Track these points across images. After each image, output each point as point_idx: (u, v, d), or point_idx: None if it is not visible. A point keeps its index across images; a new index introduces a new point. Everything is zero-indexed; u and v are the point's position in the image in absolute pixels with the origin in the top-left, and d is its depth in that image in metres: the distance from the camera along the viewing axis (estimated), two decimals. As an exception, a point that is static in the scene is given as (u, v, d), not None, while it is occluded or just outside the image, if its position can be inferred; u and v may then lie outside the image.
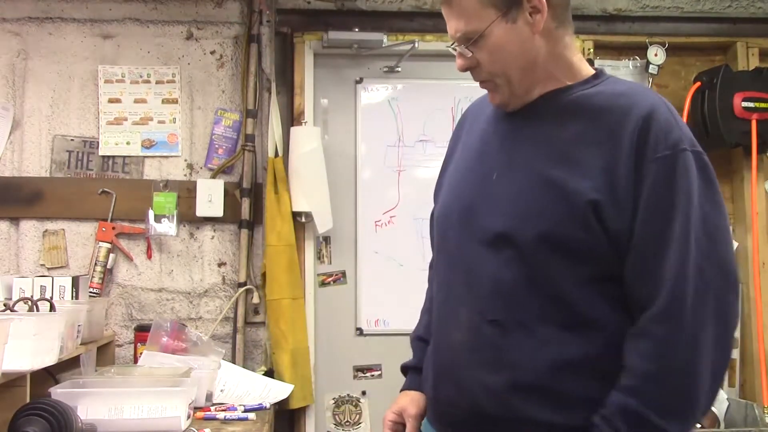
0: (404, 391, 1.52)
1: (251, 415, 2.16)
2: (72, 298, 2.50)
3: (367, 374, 2.98)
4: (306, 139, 2.86)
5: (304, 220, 2.89)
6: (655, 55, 3.04)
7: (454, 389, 1.32)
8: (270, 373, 2.72)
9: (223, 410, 2.19)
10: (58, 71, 2.90)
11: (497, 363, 1.26)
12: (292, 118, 2.94)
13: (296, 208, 2.84)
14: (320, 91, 3.04)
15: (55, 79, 2.90)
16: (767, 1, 3.16)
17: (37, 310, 2.03)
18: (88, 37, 2.93)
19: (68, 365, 2.24)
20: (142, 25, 2.94)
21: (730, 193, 3.14)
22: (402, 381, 1.57)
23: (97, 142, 2.90)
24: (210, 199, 2.85)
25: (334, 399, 2.97)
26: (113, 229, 2.83)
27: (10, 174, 2.85)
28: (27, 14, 2.90)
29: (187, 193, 2.87)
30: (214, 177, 2.90)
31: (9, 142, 2.87)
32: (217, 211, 2.85)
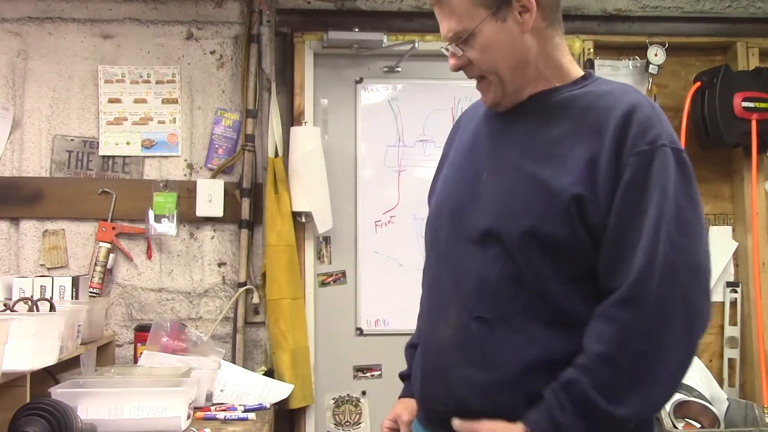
0: (400, 399, 1.54)
1: (251, 415, 2.17)
2: (72, 298, 2.50)
3: (367, 374, 2.98)
4: (306, 139, 2.86)
5: (304, 220, 2.89)
6: (655, 55, 3.04)
7: (442, 387, 1.34)
8: (270, 373, 2.72)
9: (223, 410, 2.19)
10: (58, 71, 2.90)
11: (484, 360, 1.27)
12: (292, 118, 2.94)
13: (296, 208, 2.84)
14: (320, 91, 3.04)
15: (55, 79, 2.90)
16: (767, 1, 3.16)
17: (37, 310, 2.03)
18: (88, 37, 2.93)
19: (68, 365, 2.24)
20: (142, 25, 2.94)
21: (730, 193, 3.14)
22: (401, 386, 1.59)
23: (97, 142, 2.90)
24: (210, 199, 2.85)
25: (334, 399, 2.97)
26: (113, 229, 2.84)
27: (10, 174, 2.86)
28: (27, 14, 2.90)
29: (187, 193, 2.87)
30: (214, 177, 2.90)
31: (9, 142, 2.87)
32: (217, 211, 2.85)
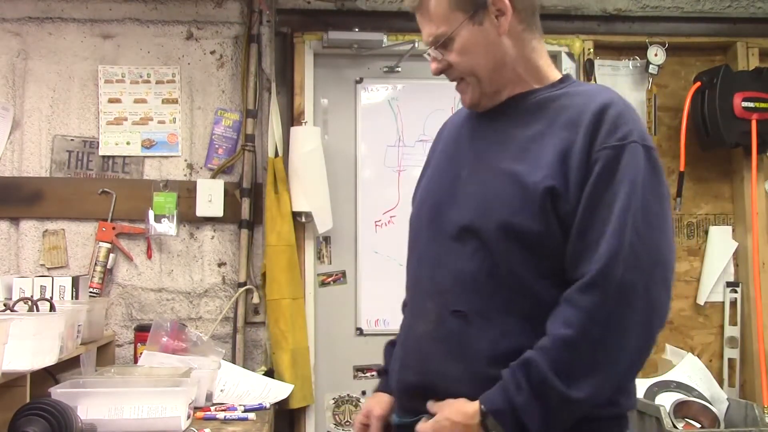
0: (374, 393, 1.56)
1: (251, 415, 2.16)
2: (72, 298, 2.50)
3: (367, 374, 2.98)
4: (306, 139, 2.86)
5: (304, 220, 2.89)
6: (655, 55, 3.04)
7: (420, 379, 1.36)
8: (270, 373, 2.72)
9: (223, 410, 2.19)
10: (58, 71, 2.90)
11: (461, 353, 1.29)
12: (292, 118, 2.94)
13: (296, 208, 2.84)
14: (320, 91, 3.04)
15: (55, 79, 2.90)
16: (767, 1, 3.16)
17: (37, 310, 2.03)
18: (88, 37, 2.93)
19: (68, 365, 2.24)
20: (142, 25, 2.94)
21: (730, 193, 3.14)
22: None
23: (97, 142, 2.90)
24: (210, 199, 2.85)
25: (334, 399, 2.97)
26: (113, 229, 2.84)
27: (10, 174, 2.86)
28: (27, 14, 2.90)
29: (187, 193, 2.87)
30: (214, 177, 2.90)
31: (9, 142, 2.87)
32: (217, 211, 2.85)
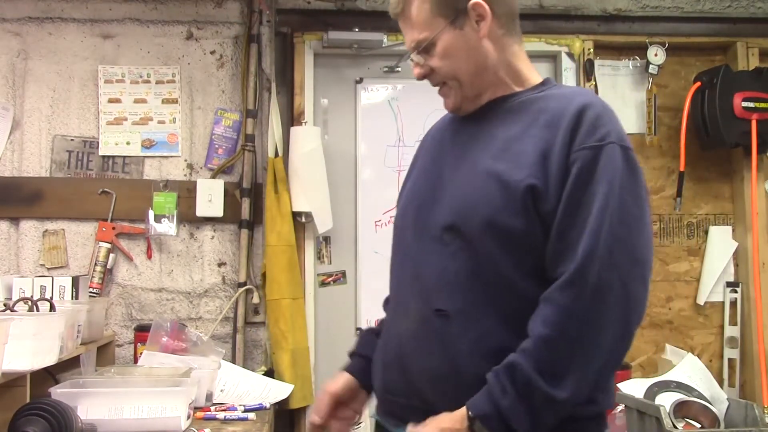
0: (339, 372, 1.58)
1: (251, 415, 2.16)
2: (72, 298, 2.50)
3: (367, 374, 2.97)
4: (306, 139, 2.86)
5: (304, 220, 2.89)
6: (655, 55, 3.04)
7: (401, 378, 1.36)
8: (270, 373, 2.72)
9: (223, 410, 2.19)
10: (58, 71, 2.90)
11: (443, 352, 1.29)
12: (292, 118, 2.94)
13: (296, 208, 2.84)
14: (320, 91, 3.04)
15: (55, 79, 2.90)
16: (767, 1, 3.16)
17: (37, 310, 2.03)
18: (88, 37, 2.93)
19: (68, 365, 2.24)
20: (142, 25, 2.94)
21: (730, 193, 3.14)
22: None
23: (97, 142, 2.90)
24: (210, 199, 2.85)
25: (334, 399, 2.96)
26: (113, 229, 2.84)
27: (10, 174, 2.86)
28: (27, 14, 2.90)
29: (187, 193, 2.87)
30: (214, 177, 2.90)
31: (9, 142, 2.87)
32: (217, 211, 2.85)
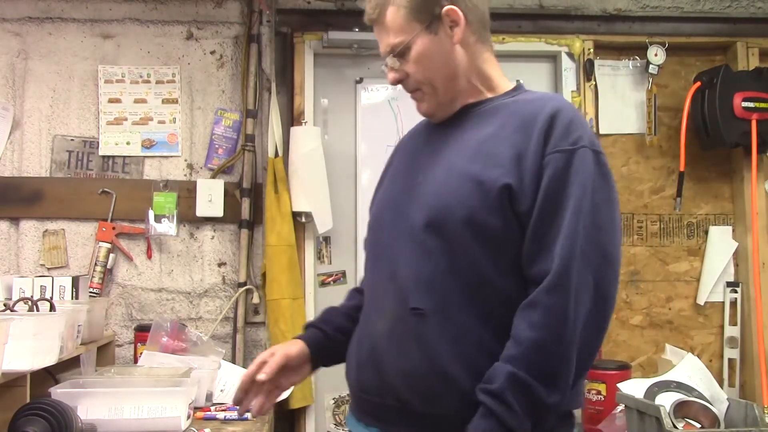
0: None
1: (251, 415, 2.16)
2: (72, 298, 2.50)
3: (367, 374, 2.98)
4: (306, 139, 2.86)
5: (304, 220, 2.89)
6: (655, 55, 3.04)
7: (376, 377, 1.37)
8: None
9: (223, 410, 2.19)
10: (58, 71, 2.90)
11: (419, 351, 1.30)
12: (292, 118, 2.94)
13: (296, 208, 2.84)
14: (320, 91, 3.04)
15: (55, 79, 2.90)
16: (767, 1, 3.16)
17: (37, 310, 2.03)
18: (88, 37, 2.93)
19: (68, 365, 2.24)
20: (142, 25, 2.94)
21: (730, 193, 3.14)
22: None
23: (97, 142, 2.90)
24: (210, 199, 2.85)
25: (334, 399, 2.97)
26: (113, 229, 2.84)
27: (10, 174, 2.86)
28: (27, 14, 2.91)
29: (187, 193, 2.87)
30: (214, 177, 2.90)
31: (9, 142, 2.87)
32: (217, 211, 2.85)
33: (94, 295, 2.76)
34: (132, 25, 2.94)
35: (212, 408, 2.22)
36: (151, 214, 2.83)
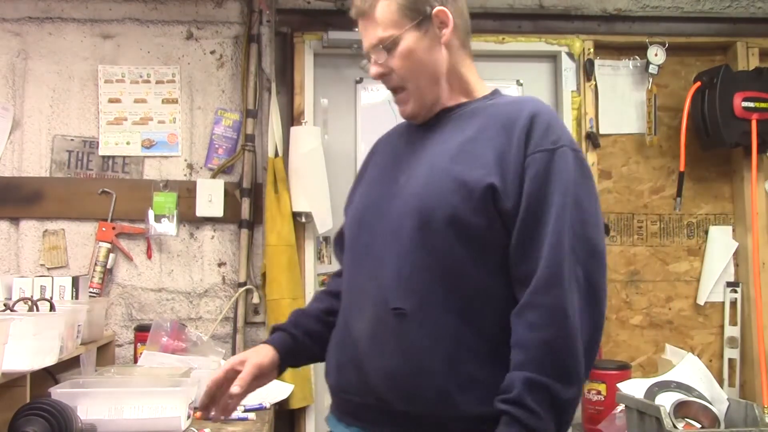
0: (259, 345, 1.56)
1: (251, 415, 2.17)
2: (72, 298, 2.50)
3: (367, 374, 2.97)
4: (306, 139, 2.86)
5: (304, 220, 2.89)
6: (655, 55, 3.04)
7: (357, 377, 1.37)
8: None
9: (223, 410, 2.19)
10: (58, 71, 2.90)
11: (400, 351, 1.31)
12: (292, 118, 2.94)
13: (296, 208, 2.84)
14: (320, 91, 3.04)
15: (55, 79, 2.90)
16: (767, 1, 3.16)
17: (37, 310, 2.03)
18: (88, 37, 2.93)
19: (68, 365, 2.24)
20: (142, 25, 2.94)
21: (730, 193, 3.14)
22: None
23: (97, 142, 2.90)
24: (210, 199, 2.85)
25: (334, 399, 2.96)
26: (113, 229, 2.84)
27: (10, 174, 2.86)
28: (27, 14, 2.91)
29: (187, 193, 2.87)
30: (214, 177, 2.90)
31: (9, 142, 2.87)
32: (217, 211, 2.85)
33: (94, 295, 2.77)
34: (132, 25, 2.94)
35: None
36: (151, 214, 2.83)
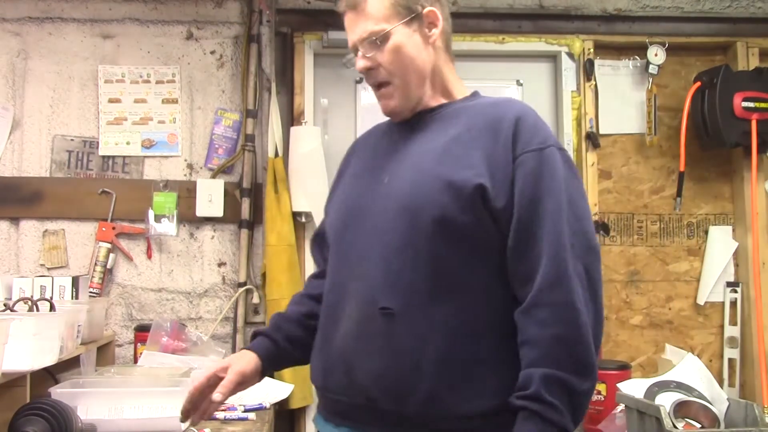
0: (241, 351, 1.56)
1: (251, 415, 2.17)
2: (72, 298, 2.50)
3: (367, 374, 2.97)
4: (306, 139, 2.86)
5: (304, 220, 2.89)
6: (655, 55, 3.04)
7: (345, 377, 1.37)
8: (270, 373, 2.72)
9: (223, 410, 2.19)
10: (58, 71, 2.91)
11: (389, 350, 1.31)
12: (292, 118, 2.94)
13: (296, 208, 2.84)
14: (320, 91, 3.04)
15: (55, 79, 2.90)
16: (767, 1, 3.16)
17: (37, 310, 2.03)
18: (88, 37, 2.93)
19: (68, 365, 2.24)
20: (142, 25, 2.94)
21: (730, 193, 3.14)
22: None
23: (97, 142, 2.90)
24: (210, 199, 2.85)
25: (334, 399, 2.96)
26: (113, 229, 2.84)
27: (10, 174, 2.86)
28: (27, 14, 2.91)
29: (187, 193, 2.87)
30: (214, 177, 2.90)
31: (9, 142, 2.87)
32: (217, 211, 2.85)
33: (94, 295, 2.76)
34: (132, 25, 2.94)
35: (212, 408, 2.21)
36: (151, 214, 2.83)
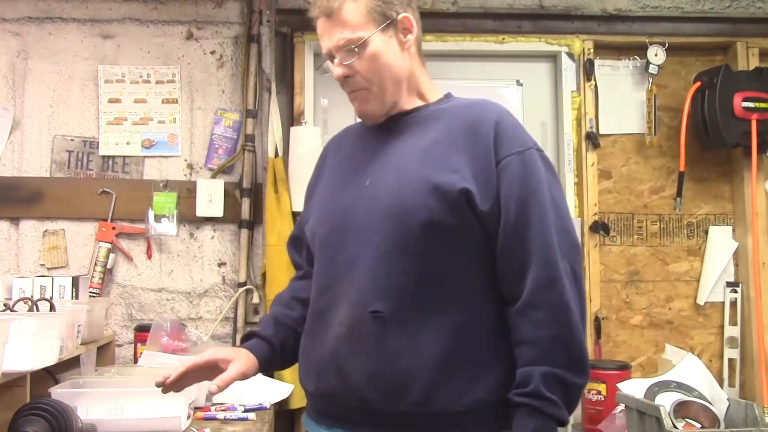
0: (238, 347, 1.54)
1: (251, 415, 2.17)
2: (72, 298, 2.51)
3: (367, 374, 2.97)
4: (306, 139, 2.86)
5: (304, 220, 2.89)
6: (655, 55, 3.04)
7: (338, 380, 1.38)
8: (270, 373, 2.72)
9: (223, 410, 2.19)
10: (58, 71, 2.91)
11: (381, 352, 1.32)
12: (292, 118, 2.94)
13: (296, 208, 2.84)
14: (320, 91, 3.04)
15: (55, 79, 2.90)
16: (767, 1, 3.16)
17: (37, 310, 2.03)
18: (88, 37, 2.93)
19: (68, 365, 2.24)
20: (142, 25, 2.94)
21: (730, 193, 3.14)
22: None
23: (97, 142, 2.90)
24: (210, 199, 2.85)
25: (334, 399, 2.96)
26: (113, 229, 2.84)
27: (10, 174, 2.86)
28: (27, 14, 2.91)
29: (187, 193, 2.87)
30: (214, 177, 2.90)
31: (9, 142, 2.87)
32: (217, 211, 2.85)
33: (94, 295, 2.77)
34: (132, 25, 2.94)
35: (212, 408, 2.22)
36: (151, 214, 2.83)
